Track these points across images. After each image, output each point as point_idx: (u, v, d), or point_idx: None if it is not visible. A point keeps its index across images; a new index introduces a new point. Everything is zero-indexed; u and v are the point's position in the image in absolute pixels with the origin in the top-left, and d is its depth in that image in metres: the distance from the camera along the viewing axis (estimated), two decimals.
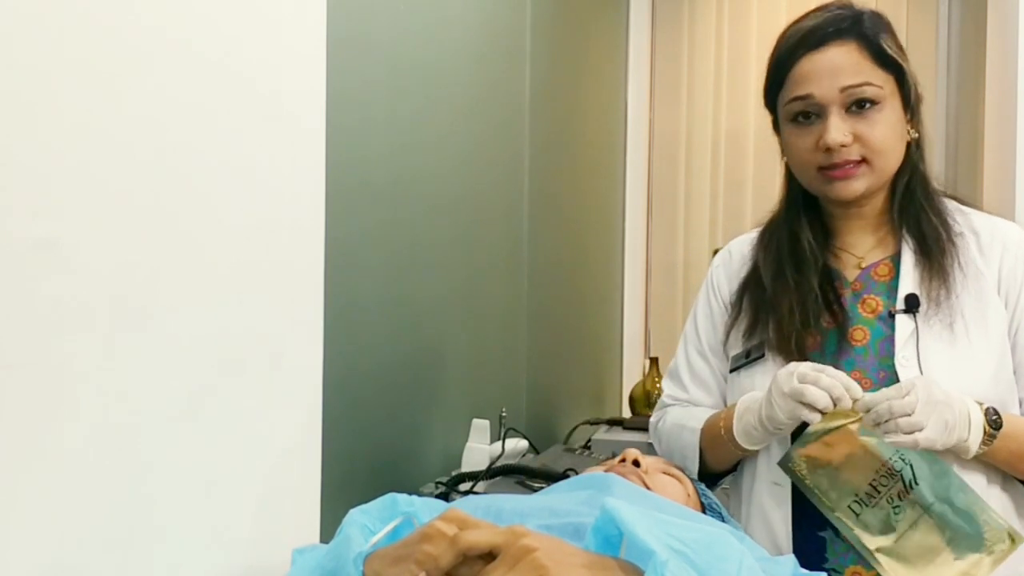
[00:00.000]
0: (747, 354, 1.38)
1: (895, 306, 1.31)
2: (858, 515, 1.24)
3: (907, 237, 1.35)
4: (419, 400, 1.90)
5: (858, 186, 1.31)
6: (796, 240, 1.38)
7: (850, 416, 1.23)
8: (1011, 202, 2.50)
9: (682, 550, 0.82)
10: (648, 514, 0.86)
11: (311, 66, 1.23)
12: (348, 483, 1.54)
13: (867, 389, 1.22)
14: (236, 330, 1.10)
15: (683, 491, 1.29)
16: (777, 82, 1.34)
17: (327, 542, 1.02)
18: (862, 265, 1.37)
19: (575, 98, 2.96)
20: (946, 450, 1.21)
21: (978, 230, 1.35)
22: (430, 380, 1.94)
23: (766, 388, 1.27)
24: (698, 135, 3.58)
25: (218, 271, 1.07)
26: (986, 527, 1.22)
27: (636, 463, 1.29)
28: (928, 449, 1.18)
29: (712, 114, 3.57)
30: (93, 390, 0.90)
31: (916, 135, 1.35)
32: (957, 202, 1.39)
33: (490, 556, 0.82)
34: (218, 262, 1.07)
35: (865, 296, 1.35)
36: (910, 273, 1.32)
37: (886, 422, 1.16)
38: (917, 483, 1.23)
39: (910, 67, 1.33)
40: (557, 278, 2.76)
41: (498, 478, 1.89)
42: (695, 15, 3.59)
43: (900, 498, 1.23)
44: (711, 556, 0.84)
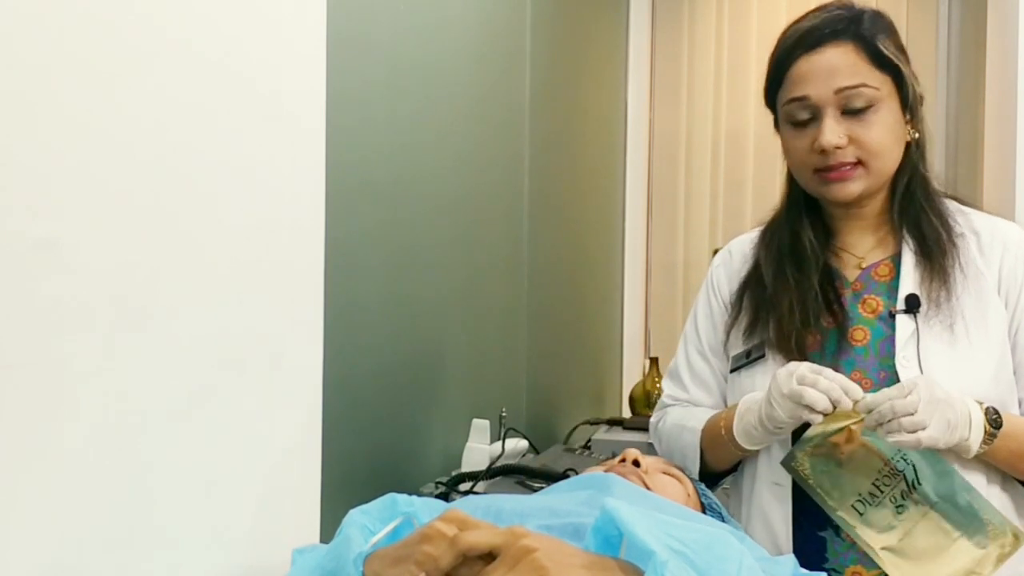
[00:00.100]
0: (747, 354, 1.38)
1: (895, 306, 1.31)
2: (862, 514, 1.24)
3: (908, 238, 1.34)
4: (419, 400, 1.90)
5: (854, 188, 1.31)
6: (797, 239, 1.38)
7: (852, 417, 1.22)
8: (1011, 202, 2.50)
9: (682, 550, 0.82)
10: (648, 514, 0.86)
11: (311, 66, 1.23)
12: (348, 483, 1.53)
13: (868, 389, 1.22)
14: (236, 330, 1.10)
15: (683, 491, 1.29)
16: (776, 82, 1.34)
17: (327, 542, 1.02)
18: (862, 265, 1.37)
19: (575, 98, 2.96)
20: (947, 450, 1.21)
21: (979, 230, 1.35)
22: (430, 380, 1.94)
23: (767, 388, 1.27)
24: (698, 135, 3.58)
25: (218, 271, 1.07)
26: (990, 525, 1.22)
27: (636, 463, 1.29)
28: (931, 448, 1.18)
29: (712, 114, 3.57)
30: (93, 390, 0.90)
31: (916, 135, 1.34)
32: (958, 202, 1.39)
33: (490, 557, 0.82)
34: (218, 262, 1.07)
35: (865, 296, 1.35)
36: (910, 274, 1.32)
37: (889, 422, 1.16)
38: (920, 483, 1.23)
39: (910, 67, 1.32)
40: (557, 278, 2.75)
41: (498, 478, 1.89)
42: (695, 15, 3.59)
43: (903, 497, 1.24)
44: (711, 556, 0.84)
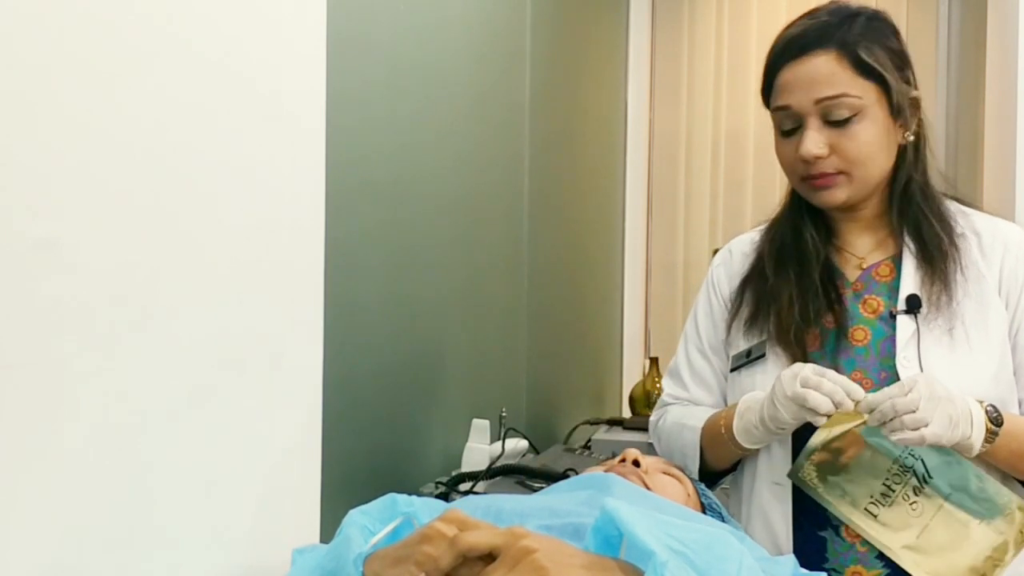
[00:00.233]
0: (748, 353, 1.38)
1: (896, 306, 1.31)
2: (876, 516, 1.24)
3: (908, 241, 1.34)
4: (419, 400, 1.90)
5: (838, 195, 1.31)
6: (799, 235, 1.38)
7: (854, 419, 1.22)
8: (1011, 202, 2.50)
9: (682, 550, 0.82)
10: (648, 514, 0.86)
11: (311, 66, 1.23)
12: (348, 483, 1.53)
13: (868, 389, 1.22)
14: (236, 330, 1.10)
15: (683, 491, 1.29)
16: (767, 89, 1.35)
17: (327, 542, 1.02)
18: (863, 266, 1.37)
19: (575, 98, 2.96)
20: (950, 449, 1.21)
21: (980, 231, 1.35)
22: (430, 380, 1.94)
23: (767, 387, 1.27)
24: (698, 135, 3.58)
25: (218, 271, 1.07)
26: (1007, 511, 1.22)
27: (636, 463, 1.29)
28: (934, 445, 1.18)
29: (712, 114, 3.57)
30: (93, 390, 0.90)
31: (912, 139, 1.33)
32: (959, 203, 1.39)
33: (490, 557, 0.81)
34: (218, 262, 1.07)
35: (866, 296, 1.35)
36: (911, 276, 1.32)
37: (891, 420, 1.16)
38: (931, 476, 1.22)
39: (906, 71, 1.31)
40: (557, 278, 2.75)
41: (498, 478, 1.89)
42: (695, 15, 3.59)
43: (916, 493, 1.23)
44: (711, 556, 0.84)
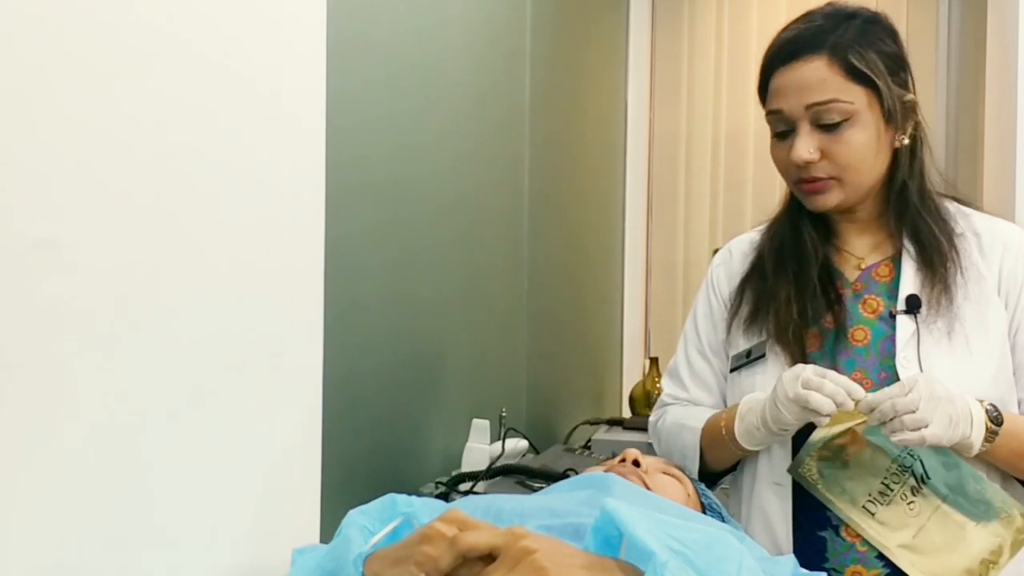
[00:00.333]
0: (747, 354, 1.38)
1: (896, 307, 1.31)
2: (874, 514, 1.24)
3: (907, 244, 1.34)
4: (419, 400, 1.90)
5: (830, 200, 1.31)
6: (798, 235, 1.39)
7: (855, 417, 1.22)
8: (1011, 202, 2.50)
9: (682, 551, 0.82)
10: (648, 515, 0.86)
11: (311, 66, 1.23)
12: (348, 483, 1.54)
13: (868, 389, 1.22)
14: (236, 330, 1.10)
15: (683, 491, 1.29)
16: (762, 91, 1.35)
17: (327, 542, 1.02)
18: (862, 266, 1.37)
19: (575, 98, 2.96)
20: (949, 448, 1.21)
21: (979, 232, 1.35)
22: (430, 380, 1.94)
23: (767, 388, 1.27)
24: (698, 135, 3.58)
25: (218, 271, 1.07)
26: (1003, 513, 1.22)
27: (636, 463, 1.29)
28: (935, 446, 1.18)
29: (712, 114, 3.56)
30: (93, 390, 0.90)
31: (907, 142, 1.33)
32: (958, 203, 1.39)
33: (490, 557, 0.81)
34: (218, 262, 1.07)
35: (866, 296, 1.35)
36: (911, 278, 1.32)
37: (891, 420, 1.16)
38: (929, 477, 1.23)
39: (901, 74, 1.30)
40: (557, 278, 2.75)
41: (498, 478, 1.89)
42: (695, 15, 3.59)
43: (913, 493, 1.24)
44: (711, 557, 0.84)
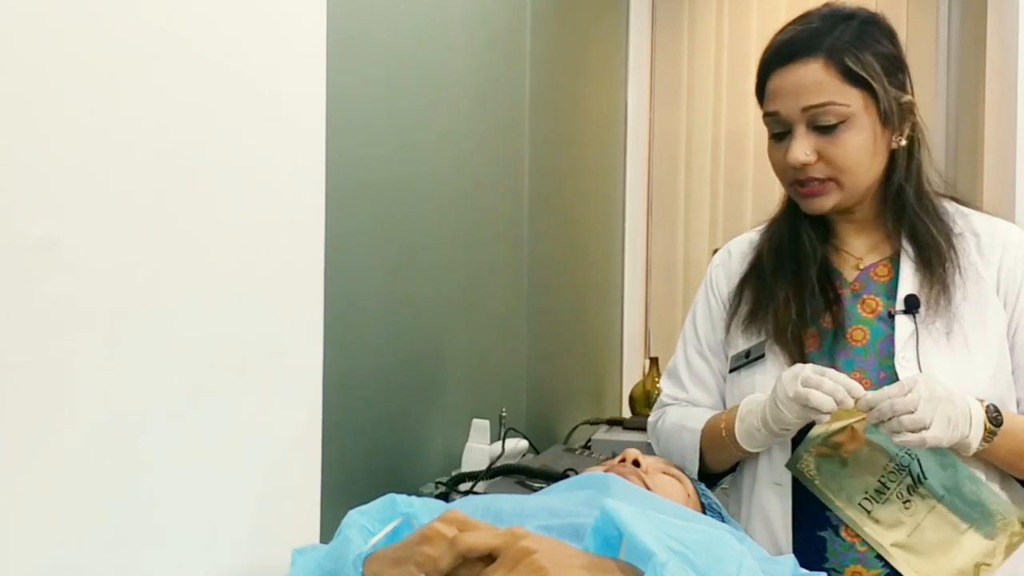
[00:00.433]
0: (747, 354, 1.38)
1: (895, 307, 1.32)
2: (869, 512, 1.25)
3: (906, 245, 1.34)
4: (419, 400, 1.90)
5: (826, 202, 1.31)
6: (796, 234, 1.39)
7: (854, 415, 1.23)
8: (1011, 202, 2.50)
9: (682, 551, 0.82)
10: (648, 515, 0.86)
11: (311, 66, 1.23)
12: (348, 483, 1.54)
13: (867, 389, 1.22)
14: (236, 330, 1.10)
15: (683, 491, 1.29)
16: (760, 92, 1.35)
17: (327, 542, 1.02)
18: (861, 266, 1.37)
19: (575, 98, 2.96)
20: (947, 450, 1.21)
21: (978, 232, 1.35)
22: (430, 380, 1.94)
23: (766, 388, 1.27)
24: (698, 135, 3.58)
25: (218, 271, 1.07)
26: (998, 515, 1.23)
27: (636, 463, 1.29)
28: (935, 447, 1.18)
29: (712, 114, 3.56)
30: (93, 390, 0.90)
31: (904, 143, 1.32)
32: (958, 203, 1.39)
33: (490, 558, 0.81)
34: (218, 262, 1.07)
35: (865, 296, 1.35)
36: (909, 279, 1.32)
37: (889, 420, 1.16)
38: (926, 477, 1.23)
39: (898, 76, 1.30)
40: (557, 278, 2.75)
41: (498, 478, 1.88)
42: (695, 15, 3.59)
43: (910, 492, 1.24)
44: (711, 557, 0.84)
